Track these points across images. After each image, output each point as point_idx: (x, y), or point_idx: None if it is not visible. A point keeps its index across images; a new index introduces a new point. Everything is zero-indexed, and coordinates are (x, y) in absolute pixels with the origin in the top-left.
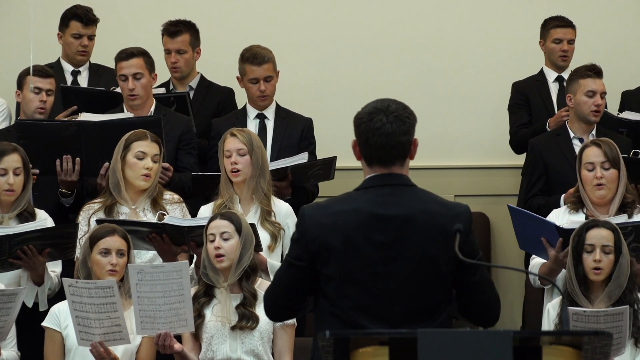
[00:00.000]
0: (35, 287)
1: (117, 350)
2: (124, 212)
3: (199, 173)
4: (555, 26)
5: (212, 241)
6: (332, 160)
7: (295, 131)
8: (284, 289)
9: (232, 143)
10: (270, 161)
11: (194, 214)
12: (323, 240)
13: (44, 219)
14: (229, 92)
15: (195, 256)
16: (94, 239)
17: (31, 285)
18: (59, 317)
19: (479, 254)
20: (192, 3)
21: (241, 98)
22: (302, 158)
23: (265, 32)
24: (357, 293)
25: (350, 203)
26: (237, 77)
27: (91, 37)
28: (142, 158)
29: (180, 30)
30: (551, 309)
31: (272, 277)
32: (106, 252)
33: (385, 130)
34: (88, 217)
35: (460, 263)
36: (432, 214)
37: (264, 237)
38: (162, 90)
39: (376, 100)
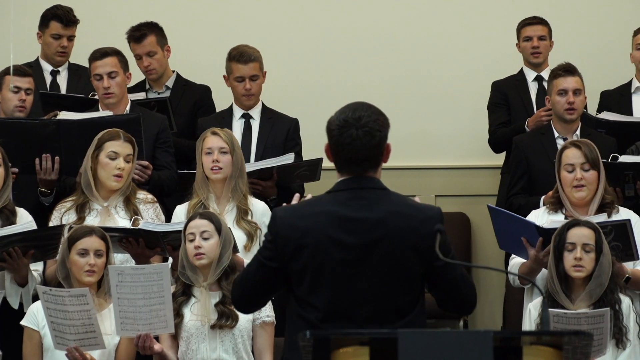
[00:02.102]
0: (19, 288)
1: (95, 351)
2: (95, 209)
3: (185, 170)
4: (525, 24)
5: (192, 240)
6: (319, 161)
7: (280, 131)
8: (254, 285)
9: (214, 141)
10: (255, 161)
11: (169, 213)
12: (295, 242)
13: (29, 221)
14: (205, 90)
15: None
16: (72, 240)
17: (15, 287)
18: (37, 317)
19: (451, 252)
20: (170, 2)
21: (218, 96)
22: (289, 158)
23: (247, 32)
24: (327, 295)
25: (321, 206)
26: (224, 76)
27: (70, 38)
28: (114, 158)
29: (145, 34)
30: (532, 309)
31: None
32: (84, 252)
33: (355, 147)
34: (60, 216)
35: (434, 263)
36: (403, 217)
37: (240, 236)
38: (142, 95)
39: (348, 108)
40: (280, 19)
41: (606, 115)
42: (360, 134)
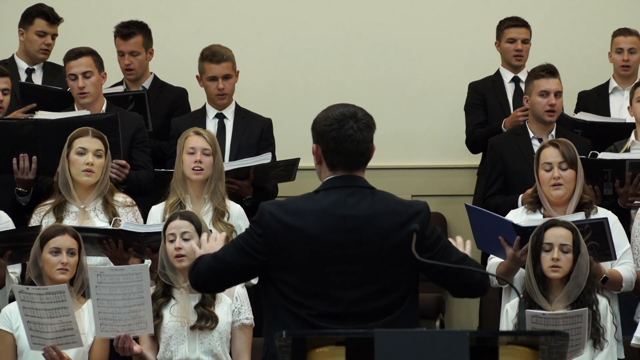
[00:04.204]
0: None
1: (70, 351)
2: (73, 211)
3: (162, 169)
4: (509, 26)
5: (172, 241)
6: (295, 161)
7: (254, 131)
8: (227, 270)
9: (197, 141)
10: (230, 161)
11: (144, 214)
12: (284, 239)
13: (6, 222)
14: (182, 93)
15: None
16: (44, 239)
17: None
18: (10, 319)
19: (441, 240)
20: (146, 3)
21: (194, 98)
22: (266, 158)
23: (223, 32)
24: (317, 294)
25: (311, 204)
26: (197, 76)
27: (54, 37)
28: (83, 154)
29: (133, 32)
30: (510, 309)
31: None
32: (57, 251)
33: (357, 138)
34: (40, 219)
35: (423, 253)
36: (392, 214)
37: None
38: (120, 88)
39: (336, 106)
40: (256, 19)
41: (583, 116)
42: (360, 125)
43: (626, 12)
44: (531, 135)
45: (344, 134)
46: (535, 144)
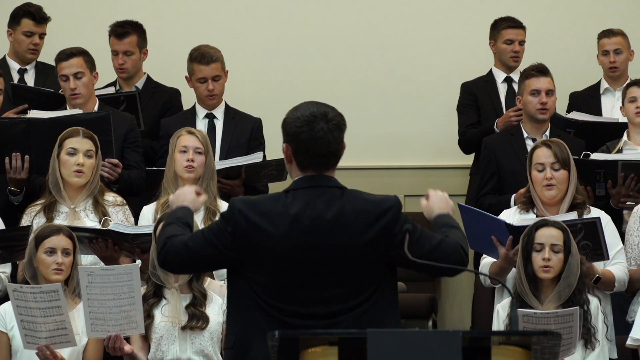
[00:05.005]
0: None
1: (64, 351)
2: (64, 212)
3: (154, 168)
4: (507, 27)
5: None
6: None
7: (244, 131)
8: (195, 260)
9: (189, 140)
10: (220, 160)
11: (136, 215)
12: (253, 239)
13: None
14: (174, 93)
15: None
16: (39, 238)
17: None
18: (5, 318)
19: (417, 230)
20: (139, 3)
21: (187, 99)
22: (257, 157)
23: (213, 32)
24: (289, 295)
25: (281, 205)
26: (186, 77)
27: (42, 36)
28: (73, 154)
29: (128, 32)
30: (501, 309)
31: (216, 279)
32: (52, 251)
33: (327, 140)
34: (31, 219)
35: (394, 250)
36: (361, 213)
37: None
38: (112, 89)
39: (308, 105)
40: (246, 19)
41: (575, 115)
42: (330, 127)
43: (616, 13)
44: (525, 135)
45: (314, 136)
46: (529, 144)
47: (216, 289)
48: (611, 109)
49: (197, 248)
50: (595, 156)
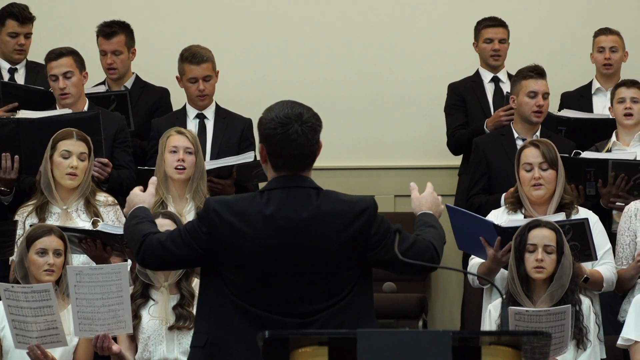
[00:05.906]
0: None
1: (55, 351)
2: (56, 212)
3: (145, 167)
4: (486, 26)
5: None
6: None
7: (235, 131)
8: (172, 259)
9: (179, 140)
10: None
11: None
12: (229, 239)
13: None
14: (164, 93)
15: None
16: (30, 239)
17: None
18: None
19: (391, 232)
20: (128, 3)
21: (176, 98)
22: (248, 157)
23: (203, 32)
24: (264, 295)
25: (256, 206)
26: (177, 77)
27: (27, 36)
28: (67, 157)
29: (116, 32)
30: (492, 309)
31: None
32: (43, 252)
33: (301, 142)
34: (23, 220)
35: (370, 252)
36: (337, 214)
37: None
38: (102, 88)
39: (282, 105)
40: (235, 19)
41: (567, 113)
42: (305, 129)
43: (608, 14)
44: (516, 135)
45: (288, 139)
46: (520, 144)
47: None
48: (603, 109)
49: (174, 248)
50: (586, 155)
